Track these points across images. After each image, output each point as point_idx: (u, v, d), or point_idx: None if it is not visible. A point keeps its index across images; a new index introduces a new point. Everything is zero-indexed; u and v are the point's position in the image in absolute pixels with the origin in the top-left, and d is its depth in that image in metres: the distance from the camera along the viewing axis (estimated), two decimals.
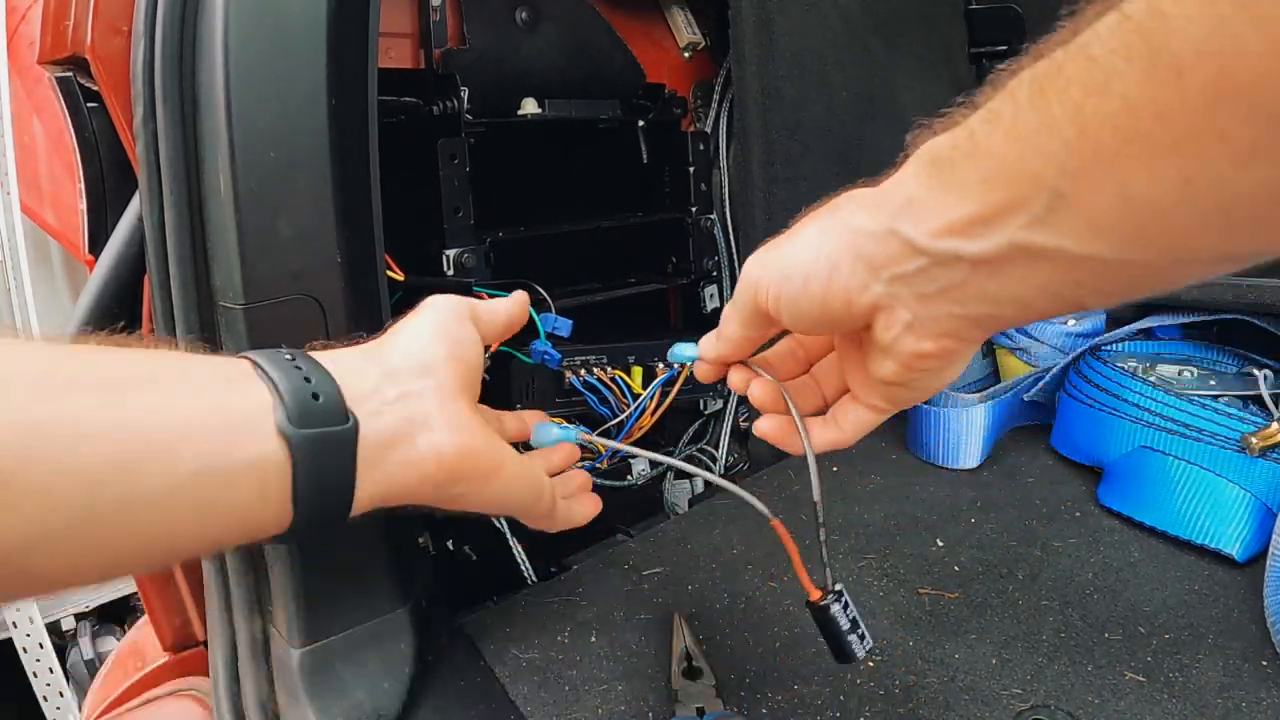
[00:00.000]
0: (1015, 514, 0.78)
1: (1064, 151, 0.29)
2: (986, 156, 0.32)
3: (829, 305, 0.39)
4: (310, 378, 0.39)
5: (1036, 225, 0.31)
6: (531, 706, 0.57)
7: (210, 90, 0.49)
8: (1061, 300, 0.33)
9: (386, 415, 0.41)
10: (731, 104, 0.93)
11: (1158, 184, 0.27)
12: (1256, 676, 0.56)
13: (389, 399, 0.41)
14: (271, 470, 0.36)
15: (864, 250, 0.37)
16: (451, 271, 0.74)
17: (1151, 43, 0.25)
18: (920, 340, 0.38)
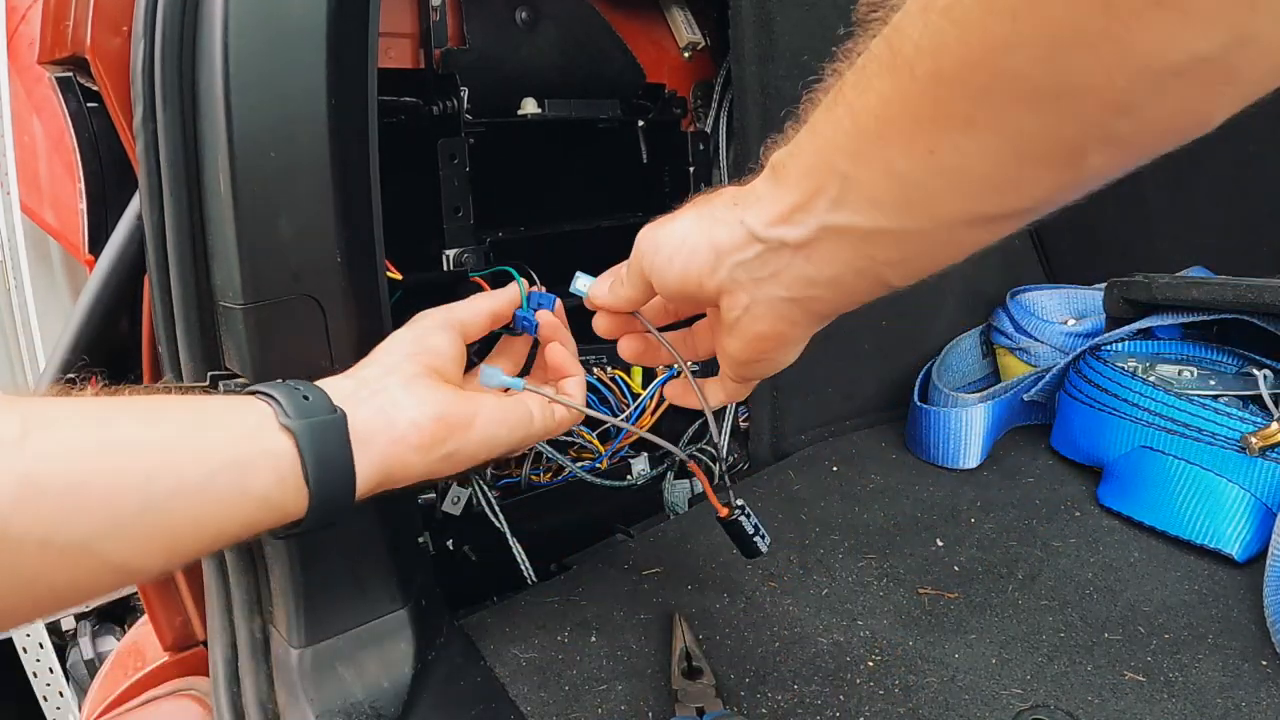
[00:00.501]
0: (1015, 514, 0.78)
1: (846, 140, 0.36)
2: (802, 155, 0.39)
3: (686, 282, 0.45)
4: (298, 388, 0.45)
5: (835, 207, 0.37)
6: (531, 706, 0.57)
7: (210, 90, 0.49)
8: (866, 276, 0.39)
9: (365, 405, 0.47)
10: (731, 104, 0.93)
11: (911, 157, 0.34)
12: (1256, 676, 0.56)
13: (364, 396, 0.48)
14: (284, 457, 0.42)
15: (716, 237, 0.43)
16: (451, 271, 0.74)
17: (893, 49, 0.33)
18: (756, 322, 0.44)
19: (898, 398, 0.97)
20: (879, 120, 0.34)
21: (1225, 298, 0.76)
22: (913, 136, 0.33)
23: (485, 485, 0.78)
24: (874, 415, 0.98)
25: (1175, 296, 0.80)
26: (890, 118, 0.34)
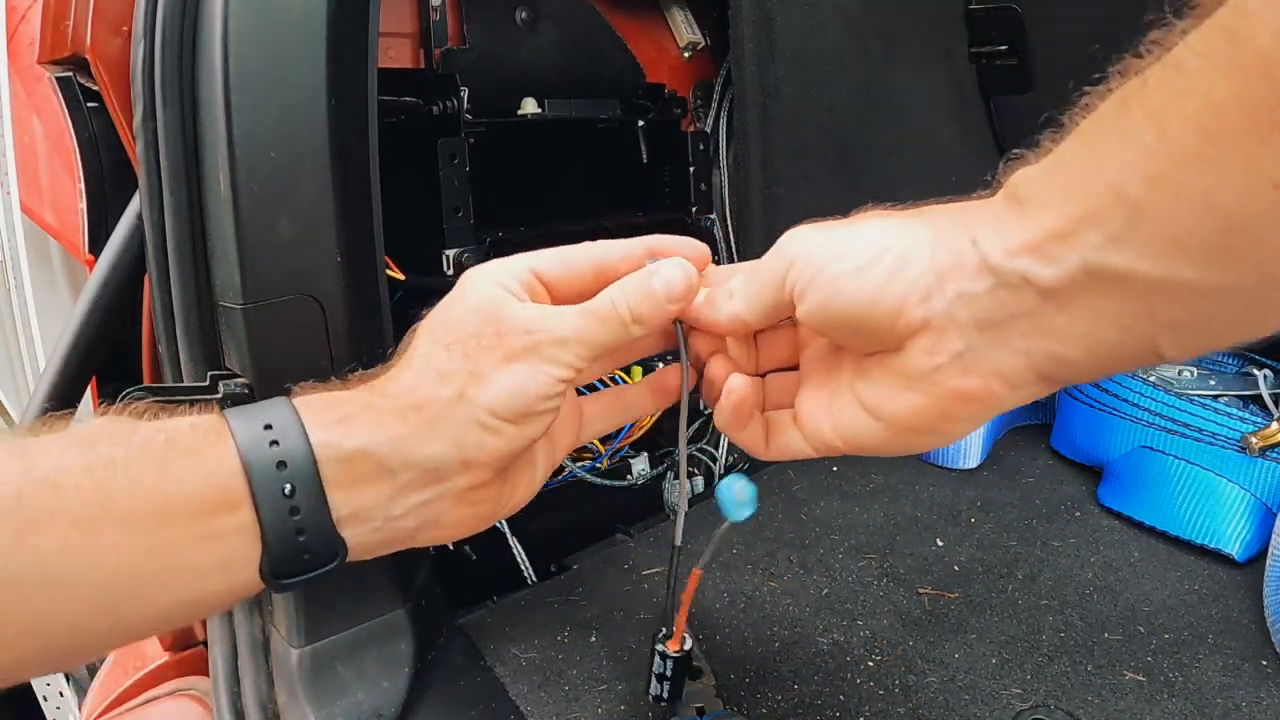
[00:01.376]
0: (1015, 514, 0.78)
1: (1144, 158, 0.27)
2: (1066, 170, 0.30)
3: (876, 305, 0.34)
4: (299, 508, 0.36)
5: (1112, 243, 0.28)
6: (531, 706, 0.57)
7: (210, 90, 0.49)
8: (1134, 340, 0.30)
9: (386, 530, 0.39)
10: (731, 104, 0.93)
11: (1245, 189, 0.25)
12: (1256, 676, 0.56)
13: (395, 514, 0.39)
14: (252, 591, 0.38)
15: (938, 253, 0.33)
16: (451, 272, 0.74)
17: (1237, 41, 0.25)
18: (966, 376, 0.33)
19: None
20: (1204, 134, 0.25)
21: None
22: (1254, 159, 0.25)
23: None
24: None
25: None
26: (1223, 133, 0.25)
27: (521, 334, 0.39)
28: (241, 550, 0.36)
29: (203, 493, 0.35)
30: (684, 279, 0.41)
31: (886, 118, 0.97)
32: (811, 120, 0.90)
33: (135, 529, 0.33)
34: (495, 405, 0.38)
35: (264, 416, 0.37)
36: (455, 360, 0.39)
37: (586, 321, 0.40)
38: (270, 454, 0.36)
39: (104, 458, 0.33)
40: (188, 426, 0.36)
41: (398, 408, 0.38)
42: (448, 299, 0.42)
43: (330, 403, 0.39)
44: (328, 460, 0.37)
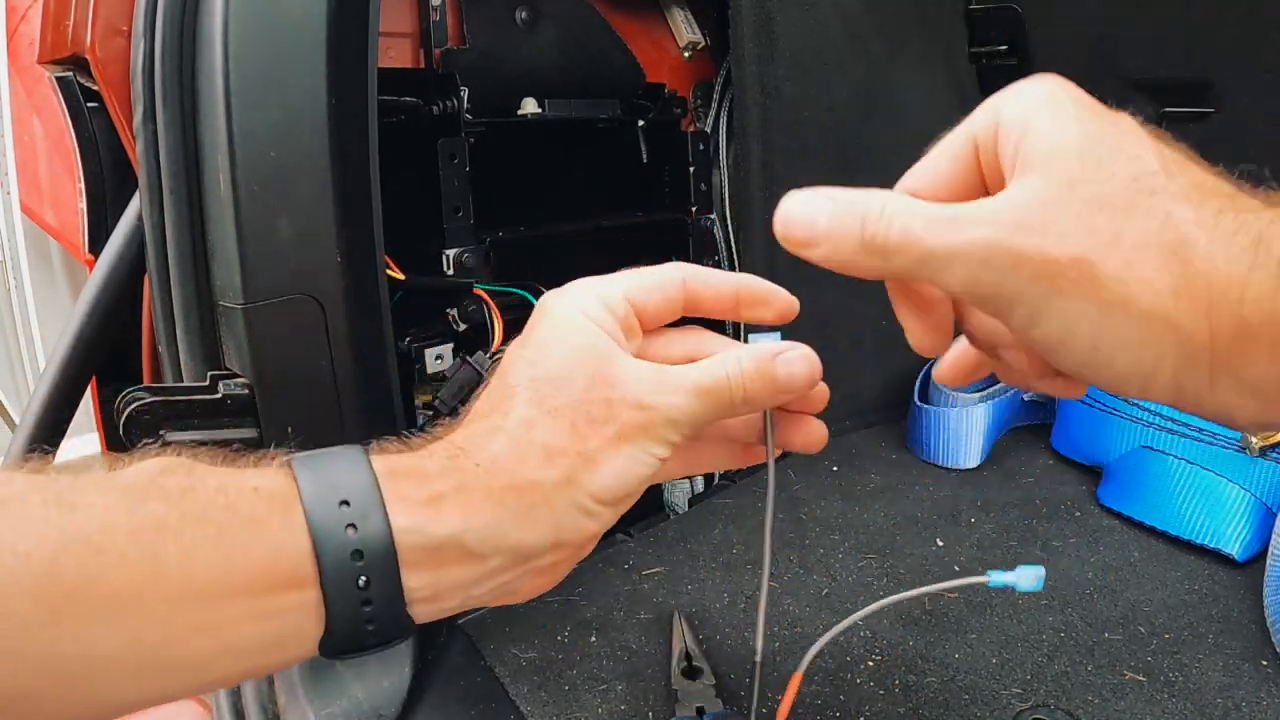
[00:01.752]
0: (1015, 514, 0.78)
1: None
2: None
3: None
4: (371, 599, 0.32)
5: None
6: (531, 706, 0.57)
7: (210, 90, 0.49)
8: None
9: (461, 606, 0.36)
10: (731, 104, 0.93)
11: None
12: (1257, 676, 0.56)
13: (475, 595, 0.36)
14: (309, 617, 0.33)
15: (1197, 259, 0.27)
16: (452, 271, 0.74)
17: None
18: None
19: (898, 398, 0.97)
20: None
21: None
22: None
23: None
24: (874, 415, 0.98)
25: None
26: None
27: (635, 408, 0.35)
28: (301, 628, 0.32)
29: (265, 569, 0.31)
30: (808, 376, 0.39)
31: (886, 118, 0.97)
32: (811, 120, 0.90)
33: (185, 605, 0.30)
34: (602, 492, 0.35)
35: (341, 487, 0.32)
36: (562, 434, 0.34)
37: (700, 401, 0.37)
38: (346, 540, 0.32)
39: (154, 520, 0.30)
40: (251, 490, 0.32)
41: (495, 489, 0.34)
42: (542, 336, 0.37)
43: (417, 476, 0.34)
44: (411, 547, 0.33)
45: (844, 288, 0.94)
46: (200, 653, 0.30)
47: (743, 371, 0.37)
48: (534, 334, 0.38)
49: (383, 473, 0.34)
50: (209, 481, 0.31)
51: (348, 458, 0.34)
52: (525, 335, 0.38)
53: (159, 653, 0.30)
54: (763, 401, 0.38)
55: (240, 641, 0.31)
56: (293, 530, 0.31)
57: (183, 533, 0.30)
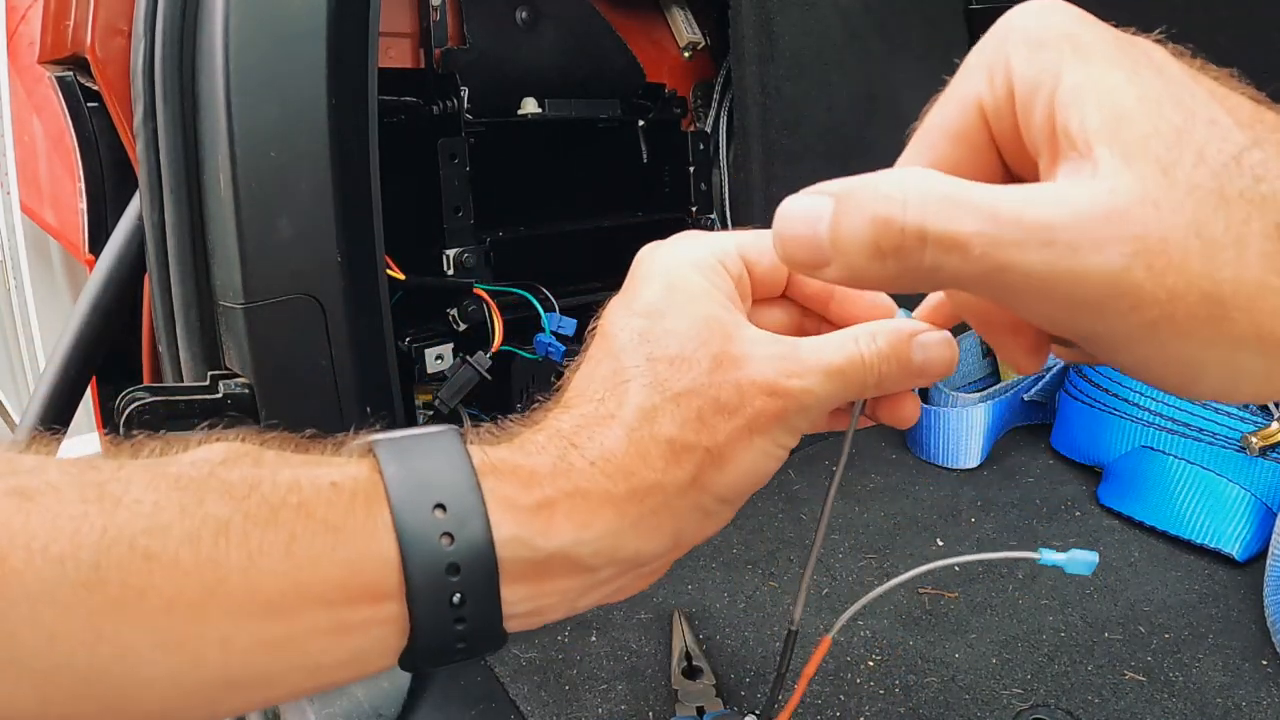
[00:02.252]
0: (1015, 514, 0.78)
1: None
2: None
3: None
4: (465, 617, 0.28)
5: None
6: (531, 706, 0.57)
7: (210, 90, 0.49)
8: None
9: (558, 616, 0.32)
10: (731, 104, 0.93)
11: None
12: (1257, 676, 0.56)
13: (580, 606, 0.32)
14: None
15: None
16: (452, 271, 0.74)
17: None
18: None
19: None
20: None
21: None
22: None
23: None
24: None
25: None
26: None
27: (767, 394, 0.30)
28: (382, 643, 0.28)
29: (343, 580, 0.27)
30: (947, 364, 0.33)
31: (886, 118, 0.97)
32: (811, 120, 0.90)
33: (251, 619, 0.26)
34: (728, 492, 0.31)
35: (435, 487, 0.28)
36: (689, 426, 0.30)
37: (835, 384, 0.31)
38: (440, 553, 0.27)
39: (213, 521, 0.25)
40: (328, 486, 0.27)
41: (613, 495, 0.29)
42: (654, 299, 0.32)
43: (523, 476, 0.29)
44: (515, 560, 0.28)
45: None
46: (267, 670, 0.27)
47: (878, 350, 0.32)
48: (643, 295, 0.32)
49: (483, 469, 0.29)
50: (280, 475, 0.27)
51: (443, 447, 0.29)
52: (631, 295, 0.32)
53: (219, 671, 0.26)
54: (893, 386, 0.33)
55: (311, 658, 0.27)
56: (377, 537, 0.27)
57: (248, 536, 0.25)
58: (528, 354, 0.74)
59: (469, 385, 0.72)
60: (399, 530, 0.27)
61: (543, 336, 0.69)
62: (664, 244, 0.34)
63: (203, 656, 0.25)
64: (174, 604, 0.24)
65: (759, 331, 0.32)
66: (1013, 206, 0.22)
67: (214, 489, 0.26)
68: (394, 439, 0.29)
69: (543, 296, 0.73)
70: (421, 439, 0.29)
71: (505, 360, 0.75)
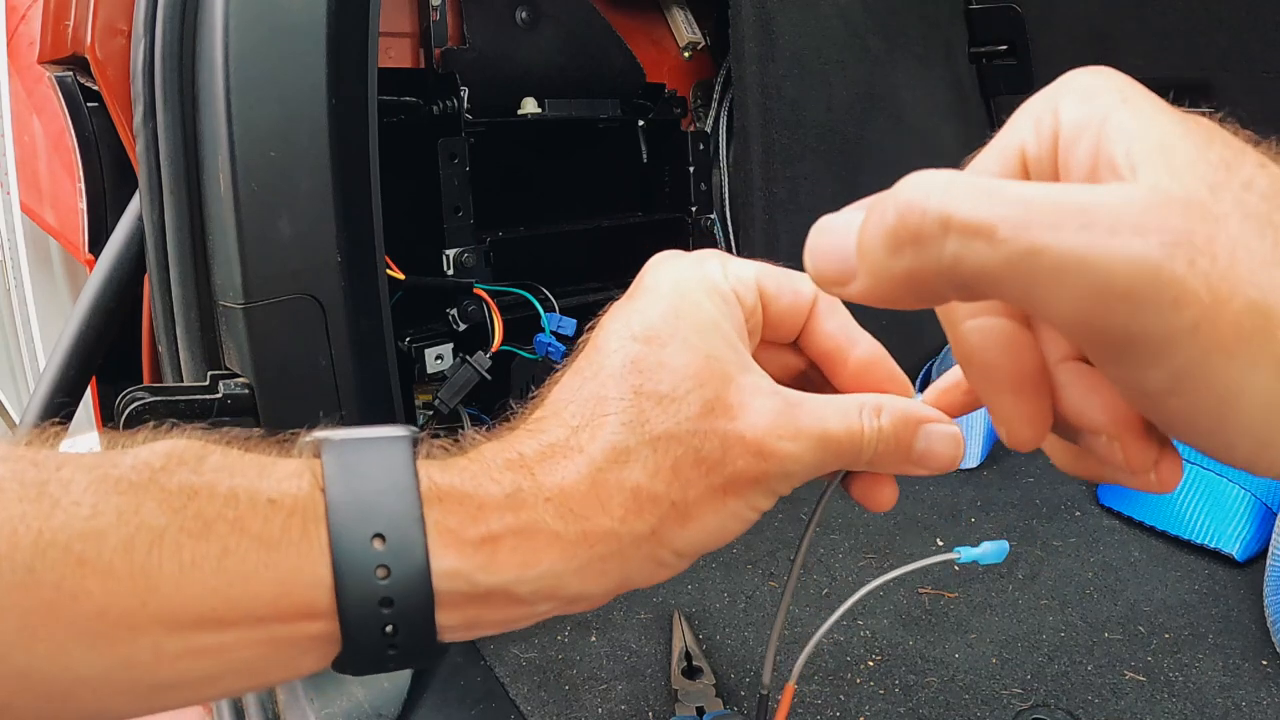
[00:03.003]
0: (1015, 514, 0.78)
1: None
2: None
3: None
4: (398, 645, 0.27)
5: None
6: (531, 706, 0.57)
7: (210, 90, 0.49)
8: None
9: (494, 631, 0.31)
10: (731, 104, 0.93)
11: None
12: (1257, 676, 0.56)
13: (516, 627, 0.32)
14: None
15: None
16: (452, 271, 0.74)
17: None
18: None
19: None
20: None
21: None
22: None
23: None
24: None
25: None
26: None
27: (753, 455, 0.29)
28: (315, 654, 0.28)
29: (275, 597, 0.26)
30: (949, 461, 0.31)
31: (886, 118, 0.97)
32: (811, 120, 0.90)
33: (182, 629, 0.25)
34: (687, 548, 0.30)
35: (377, 514, 0.27)
36: (660, 477, 0.28)
37: (824, 452, 0.30)
38: (374, 586, 0.26)
39: (147, 530, 0.25)
40: (266, 503, 0.27)
41: (562, 537, 0.28)
42: (656, 319, 0.30)
43: (473, 510, 0.28)
44: (452, 592, 0.28)
45: None
46: (200, 675, 0.27)
47: (880, 429, 0.30)
48: (646, 314, 0.30)
49: (429, 497, 0.28)
50: (219, 486, 0.27)
51: (392, 466, 0.28)
52: (632, 310, 0.30)
53: (151, 674, 0.26)
54: (882, 468, 0.31)
55: (245, 665, 0.27)
56: (312, 559, 0.26)
57: (181, 548, 0.25)
58: (528, 354, 0.74)
59: (469, 385, 0.72)
60: (335, 558, 0.26)
61: (543, 336, 0.69)
62: (679, 257, 0.32)
63: (135, 660, 0.25)
64: (106, 610, 0.25)
65: (761, 378, 0.30)
66: (1046, 193, 0.20)
67: (153, 495, 0.26)
68: (343, 443, 0.28)
69: (542, 296, 0.74)
70: (371, 450, 0.28)
71: (505, 360, 0.75)
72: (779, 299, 0.32)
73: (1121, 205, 0.19)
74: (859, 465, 0.31)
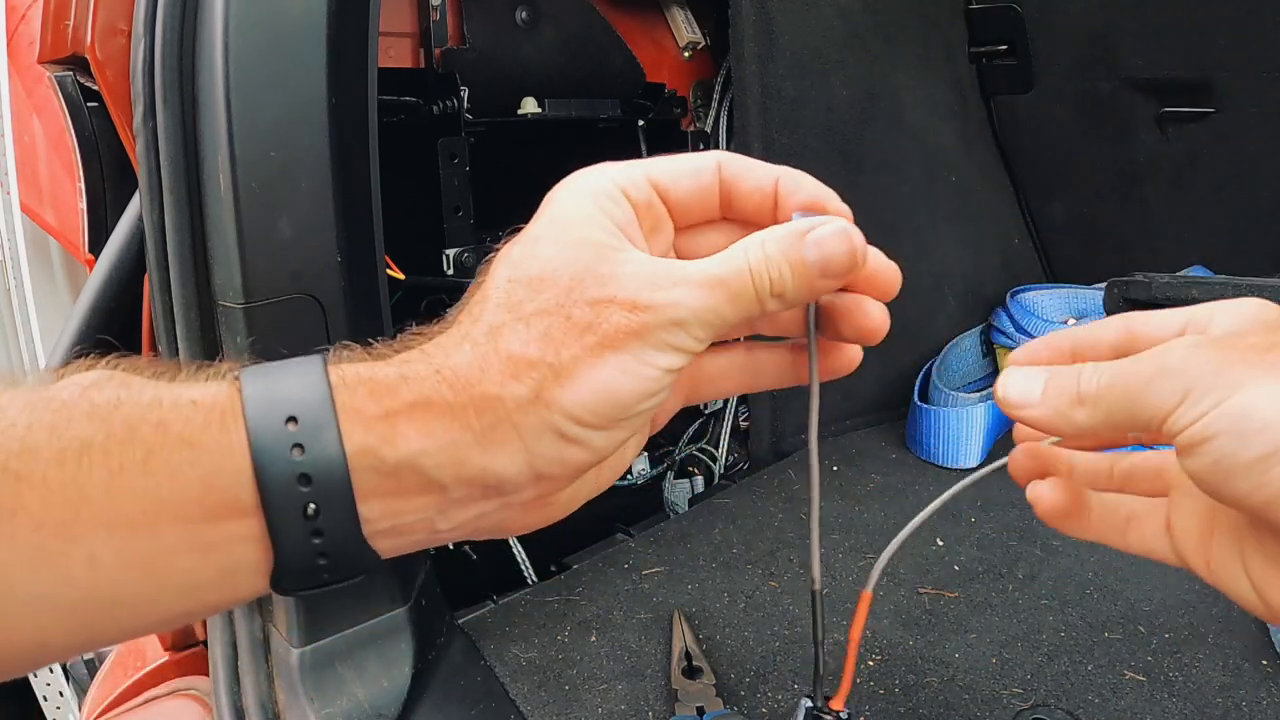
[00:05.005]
0: (1015, 513, 0.78)
1: None
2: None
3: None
4: (323, 530, 0.28)
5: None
6: (531, 706, 0.57)
7: (210, 90, 0.49)
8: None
9: (432, 541, 0.32)
10: (731, 103, 0.93)
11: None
12: (1257, 675, 0.56)
13: (443, 529, 0.32)
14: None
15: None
16: (451, 271, 0.74)
17: None
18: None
19: (898, 397, 0.97)
20: None
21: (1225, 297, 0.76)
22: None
23: None
24: (874, 415, 0.98)
25: (1175, 296, 0.80)
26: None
27: (626, 309, 0.29)
28: (247, 561, 0.29)
29: (200, 496, 0.27)
30: (848, 252, 0.31)
31: (886, 118, 0.97)
32: (811, 120, 0.91)
33: (115, 537, 0.26)
34: (580, 411, 0.30)
35: (289, 402, 0.28)
36: (532, 342, 0.29)
37: (712, 296, 0.30)
38: (292, 464, 0.28)
39: (78, 443, 0.26)
40: (188, 403, 0.28)
41: (455, 405, 0.29)
42: (537, 229, 0.32)
43: (375, 390, 0.30)
44: (365, 470, 0.29)
45: None
46: (138, 592, 0.27)
47: (766, 256, 0.31)
48: (531, 227, 0.33)
49: (337, 384, 0.29)
50: (143, 395, 0.27)
51: (302, 367, 0.30)
52: (526, 228, 0.33)
53: (90, 591, 0.26)
54: (798, 292, 0.31)
55: (181, 578, 0.28)
56: (231, 451, 0.27)
57: (109, 455, 0.26)
58: None
59: None
60: (252, 443, 0.27)
61: None
62: (572, 176, 0.33)
63: (72, 575, 0.26)
64: (43, 523, 0.25)
65: (641, 255, 0.31)
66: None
67: (82, 410, 0.27)
68: (261, 365, 0.30)
69: None
70: (286, 363, 0.30)
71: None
72: (676, 185, 0.33)
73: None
74: (769, 300, 0.31)
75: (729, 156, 0.34)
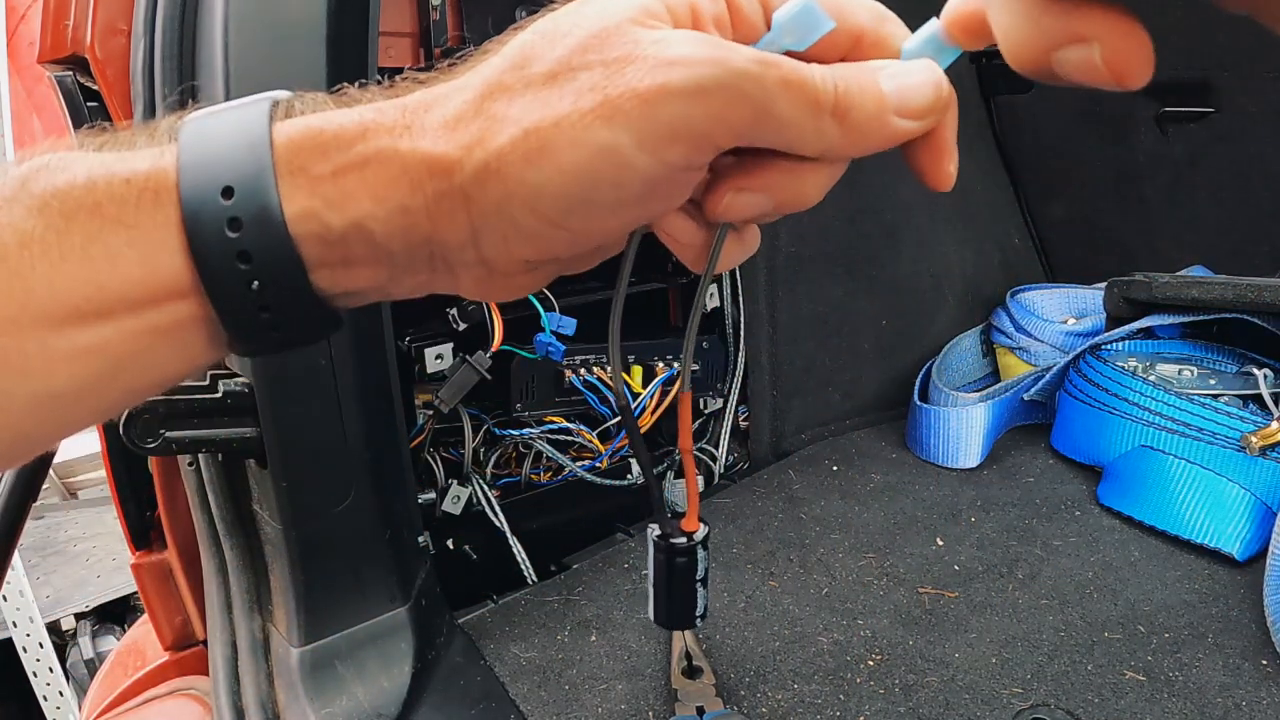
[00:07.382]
0: (1015, 513, 0.78)
1: None
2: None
3: None
4: (270, 305, 0.27)
5: None
6: (531, 706, 0.57)
7: (210, 90, 0.49)
8: None
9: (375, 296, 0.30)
10: None
11: None
12: (1257, 675, 0.56)
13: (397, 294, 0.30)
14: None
15: None
16: None
17: None
18: None
19: (898, 397, 0.97)
20: None
21: (1225, 297, 0.76)
22: None
23: (485, 484, 0.78)
24: (874, 414, 0.98)
25: (1175, 296, 0.80)
26: None
27: (647, 68, 0.25)
28: (201, 336, 0.28)
29: (141, 278, 0.26)
30: (931, 90, 0.27)
31: None
32: None
33: (64, 326, 0.26)
34: (538, 201, 0.26)
35: (225, 170, 0.26)
36: (516, 102, 0.26)
37: (766, 72, 0.25)
38: (228, 243, 0.26)
39: (18, 235, 0.25)
40: (122, 182, 0.26)
41: (410, 167, 0.26)
42: (565, 12, 0.28)
43: (326, 145, 0.27)
44: (310, 240, 0.26)
45: (844, 287, 0.94)
46: (96, 376, 0.27)
47: (833, 70, 0.27)
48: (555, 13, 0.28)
49: (281, 140, 0.27)
50: (79, 177, 0.26)
51: (244, 123, 0.27)
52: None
53: (46, 381, 0.26)
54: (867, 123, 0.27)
55: (132, 359, 0.27)
56: (168, 231, 0.26)
57: (48, 246, 0.25)
58: (528, 353, 0.74)
59: (469, 385, 0.72)
60: (185, 221, 0.26)
61: (543, 336, 0.69)
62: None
63: (28, 369, 0.26)
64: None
65: (675, 30, 0.26)
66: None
67: (21, 203, 0.25)
68: (204, 115, 0.28)
69: (542, 295, 0.73)
70: (228, 114, 0.27)
71: (505, 360, 0.75)
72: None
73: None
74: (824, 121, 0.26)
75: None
